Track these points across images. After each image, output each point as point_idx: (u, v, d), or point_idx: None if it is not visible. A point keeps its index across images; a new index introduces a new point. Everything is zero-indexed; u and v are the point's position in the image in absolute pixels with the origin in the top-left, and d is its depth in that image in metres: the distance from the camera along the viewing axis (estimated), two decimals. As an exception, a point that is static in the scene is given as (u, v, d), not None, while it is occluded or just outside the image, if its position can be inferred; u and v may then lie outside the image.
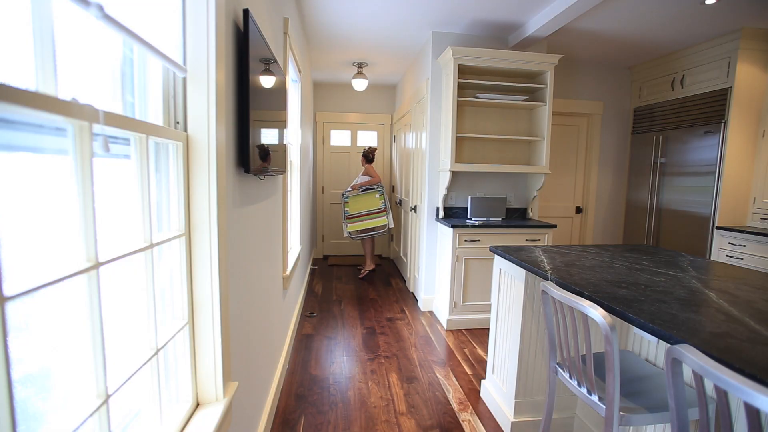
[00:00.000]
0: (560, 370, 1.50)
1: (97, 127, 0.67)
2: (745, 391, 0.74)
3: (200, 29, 1.00)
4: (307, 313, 3.65)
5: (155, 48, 0.84)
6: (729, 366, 0.86)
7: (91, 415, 0.63)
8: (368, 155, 4.81)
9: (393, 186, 5.91)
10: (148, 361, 0.83)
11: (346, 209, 4.77)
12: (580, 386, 1.38)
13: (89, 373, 0.66)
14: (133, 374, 0.77)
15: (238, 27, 1.30)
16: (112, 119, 0.70)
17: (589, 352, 1.30)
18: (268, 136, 1.67)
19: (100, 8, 0.62)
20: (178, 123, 1.03)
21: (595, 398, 1.31)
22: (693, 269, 1.76)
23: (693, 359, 0.85)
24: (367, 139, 6.00)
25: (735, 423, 1.27)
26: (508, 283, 2.06)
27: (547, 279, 1.62)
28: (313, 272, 5.14)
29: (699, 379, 0.87)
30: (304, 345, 2.98)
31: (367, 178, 4.74)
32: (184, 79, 1.02)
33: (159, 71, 0.97)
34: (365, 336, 3.18)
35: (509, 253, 1.99)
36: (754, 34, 3.25)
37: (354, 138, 5.97)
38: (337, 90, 5.82)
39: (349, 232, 4.79)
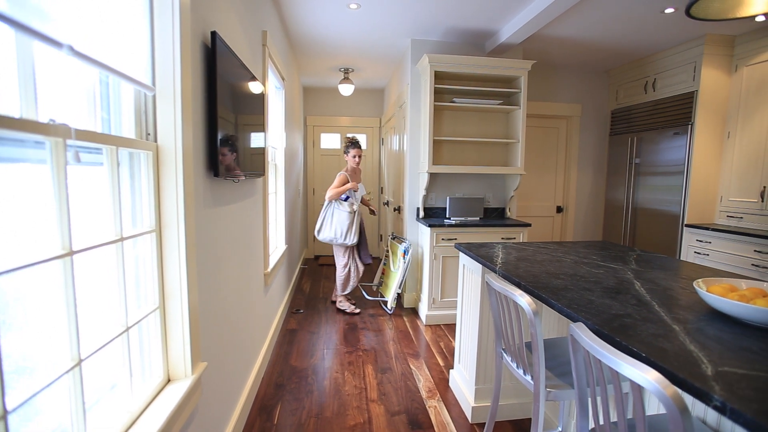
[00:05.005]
0: (504, 354, 1.65)
1: (71, 142, 0.83)
2: (610, 359, 0.89)
3: (166, 53, 1.16)
4: (293, 310, 3.80)
5: (124, 74, 1.00)
6: (608, 339, 1.02)
7: (66, 372, 0.78)
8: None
9: (381, 188, 6.07)
10: (117, 336, 0.99)
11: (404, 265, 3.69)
12: (518, 368, 1.53)
13: (65, 340, 0.81)
14: (103, 346, 0.92)
15: (207, 46, 1.45)
16: (83, 135, 0.85)
17: (521, 338, 1.45)
18: (241, 142, 1.82)
19: (71, 48, 0.78)
20: (149, 134, 1.19)
21: (528, 377, 1.46)
22: (635, 263, 1.91)
23: (579, 334, 1.00)
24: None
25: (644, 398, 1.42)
26: (469, 277, 2.21)
27: (495, 272, 1.77)
28: (303, 271, 5.30)
29: (586, 352, 1.03)
30: (288, 339, 3.14)
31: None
32: (154, 96, 1.17)
33: (131, 91, 1.12)
34: (347, 331, 3.33)
35: (469, 250, 2.14)
36: (716, 40, 3.40)
37: (343, 141, 6.13)
38: (327, 94, 5.99)
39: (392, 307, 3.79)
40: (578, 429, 1.14)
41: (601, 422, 1.03)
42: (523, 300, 1.34)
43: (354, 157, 3.72)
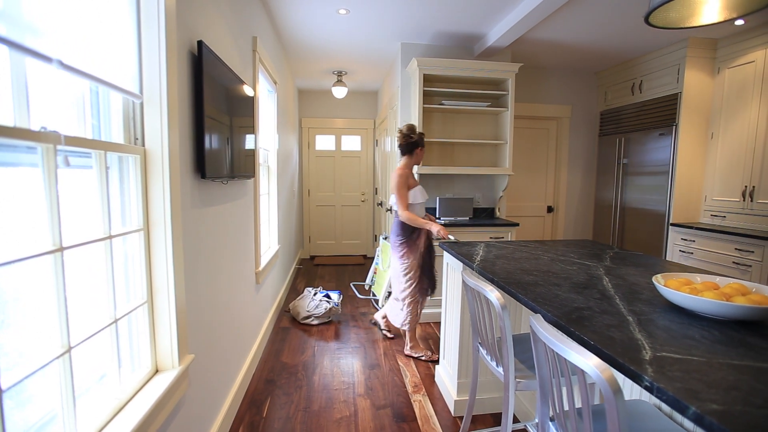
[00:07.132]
0: (480, 348, 1.73)
1: (61, 147, 0.90)
2: (559, 347, 0.96)
3: (153, 63, 1.23)
4: (286, 309, 3.87)
5: (112, 84, 1.07)
6: (565, 330, 1.09)
7: (56, 358, 0.86)
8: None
9: (376, 189, 6.14)
10: (106, 327, 1.06)
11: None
12: (491, 360, 1.61)
13: (55, 329, 0.89)
14: (92, 335, 0.99)
15: (194, 54, 1.53)
16: (72, 141, 0.93)
17: (493, 332, 1.53)
18: (230, 145, 1.90)
19: (60, 62, 0.85)
20: (137, 139, 1.26)
21: (500, 369, 1.54)
22: (610, 260, 1.98)
23: (536, 325, 1.08)
24: (351, 143, 6.23)
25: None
26: (452, 275, 2.29)
27: (472, 269, 1.85)
28: (298, 271, 5.37)
29: (543, 342, 1.10)
30: (280, 336, 3.21)
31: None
32: (141, 104, 1.25)
33: (119, 98, 1.20)
34: (338, 329, 3.40)
35: (451, 248, 2.22)
36: (699, 43, 3.48)
37: (338, 143, 6.20)
38: (321, 97, 6.06)
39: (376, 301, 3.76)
40: (540, 415, 1.21)
41: (558, 410, 1.10)
42: (493, 295, 1.42)
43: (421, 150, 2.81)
